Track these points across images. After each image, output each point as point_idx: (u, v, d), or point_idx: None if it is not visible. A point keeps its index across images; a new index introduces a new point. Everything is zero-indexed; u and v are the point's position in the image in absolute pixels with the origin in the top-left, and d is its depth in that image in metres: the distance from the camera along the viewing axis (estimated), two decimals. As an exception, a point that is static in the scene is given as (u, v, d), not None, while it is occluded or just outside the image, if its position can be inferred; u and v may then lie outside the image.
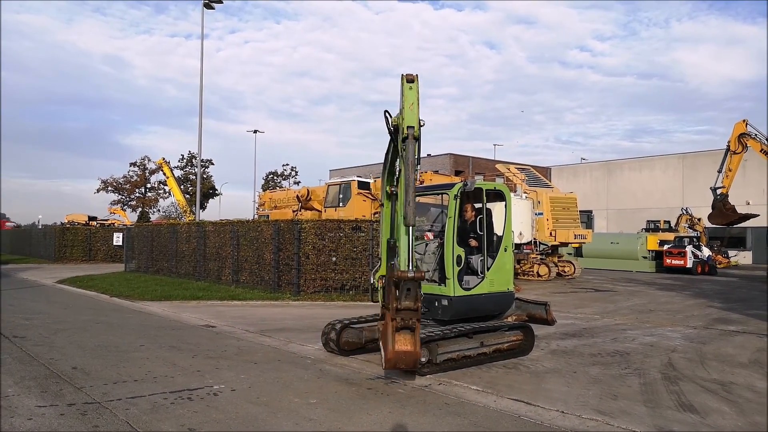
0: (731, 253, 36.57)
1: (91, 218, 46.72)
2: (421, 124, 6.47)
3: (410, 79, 6.32)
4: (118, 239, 32.48)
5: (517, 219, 19.88)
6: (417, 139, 6.23)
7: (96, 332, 10.15)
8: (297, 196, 25.69)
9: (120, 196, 64.42)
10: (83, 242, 33.55)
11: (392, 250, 7.80)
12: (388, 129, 6.67)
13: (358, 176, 23.39)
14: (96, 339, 9.42)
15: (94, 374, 6.96)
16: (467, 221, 8.08)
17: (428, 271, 8.01)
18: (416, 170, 6.22)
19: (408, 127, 6.19)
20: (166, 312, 13.11)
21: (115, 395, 6.03)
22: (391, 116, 6.65)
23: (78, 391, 6.20)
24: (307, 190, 25.43)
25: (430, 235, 8.48)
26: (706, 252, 28.69)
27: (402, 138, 6.26)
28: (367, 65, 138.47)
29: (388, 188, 8.04)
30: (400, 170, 6.49)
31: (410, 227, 6.11)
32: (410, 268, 5.98)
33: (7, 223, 58.47)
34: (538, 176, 26.92)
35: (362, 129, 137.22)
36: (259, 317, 12.17)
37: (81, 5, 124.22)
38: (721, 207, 25.11)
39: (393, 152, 7.16)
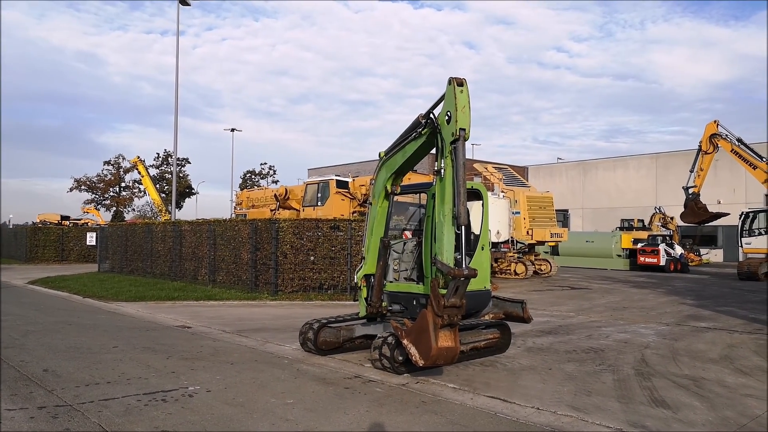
0: (703, 251, 37.35)
1: (64, 218, 45.91)
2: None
3: (460, 83, 6.59)
4: (91, 239, 31.95)
5: (494, 218, 20.06)
6: (466, 140, 6.46)
7: (68, 334, 9.96)
8: (275, 195, 25.52)
9: (94, 195, 63.42)
10: (55, 242, 32.92)
11: (386, 248, 7.85)
12: (432, 129, 6.82)
13: (336, 175, 23.29)
14: (68, 341, 9.24)
15: (65, 376, 6.82)
16: (445, 220, 8.09)
17: (406, 270, 8.03)
18: (466, 171, 6.45)
19: (461, 129, 6.41)
20: (141, 313, 12.92)
21: (87, 398, 5.92)
22: (435, 118, 6.80)
23: (49, 393, 6.07)
24: (285, 189, 25.27)
25: (408, 233, 8.49)
26: (678, 250, 29.28)
27: (452, 140, 6.43)
28: (346, 64, 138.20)
29: (388, 186, 8.06)
30: (443, 170, 6.63)
31: (462, 226, 6.42)
32: (464, 265, 6.27)
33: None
34: (516, 176, 27.17)
35: (341, 128, 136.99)
36: (236, 317, 12.07)
37: (53, 1, 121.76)
38: (693, 206, 25.59)
39: (417, 152, 7.34)
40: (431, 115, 6.88)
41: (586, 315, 12.78)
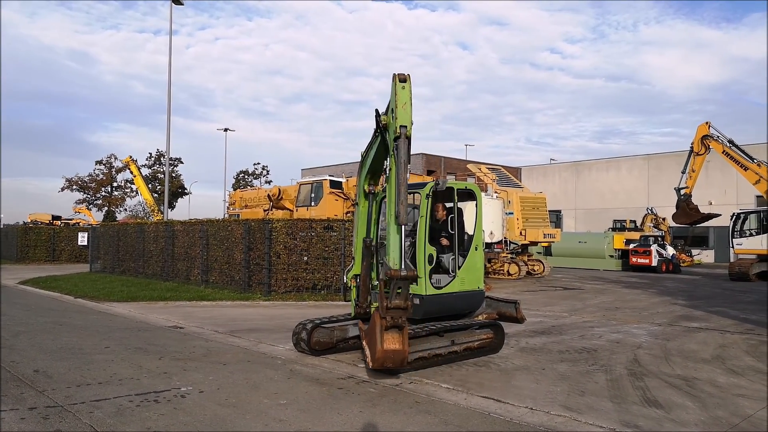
0: (694, 251, 37.58)
1: (55, 217, 45.64)
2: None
3: (402, 79, 6.37)
4: (83, 239, 31.76)
5: (487, 218, 20.07)
6: (409, 138, 6.23)
7: (59, 334, 9.89)
8: (268, 195, 25.47)
9: (85, 195, 62.94)
10: (47, 242, 32.68)
11: (368, 249, 7.81)
12: (378, 127, 6.65)
13: (330, 175, 23.28)
14: (59, 341, 9.17)
15: (57, 377, 6.77)
16: (439, 220, 8.11)
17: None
18: (407, 169, 6.24)
19: (401, 126, 6.23)
20: (133, 313, 12.85)
21: (78, 398, 5.88)
22: (381, 115, 6.64)
23: (40, 394, 6.02)
24: (279, 189, 25.22)
25: (401, 234, 8.47)
26: (670, 251, 29.43)
27: (394, 137, 6.25)
28: (340, 64, 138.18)
29: (365, 187, 8.03)
30: (390, 169, 6.47)
31: (402, 226, 6.15)
32: (402, 266, 6.01)
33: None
34: (509, 176, 27.22)
35: (335, 128, 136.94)
36: (229, 318, 12.02)
37: (45, 0, 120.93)
38: (685, 207, 25.74)
39: (379, 151, 7.16)
40: (377, 113, 6.67)
41: (578, 315, 12.81)
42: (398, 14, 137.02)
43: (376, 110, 6.63)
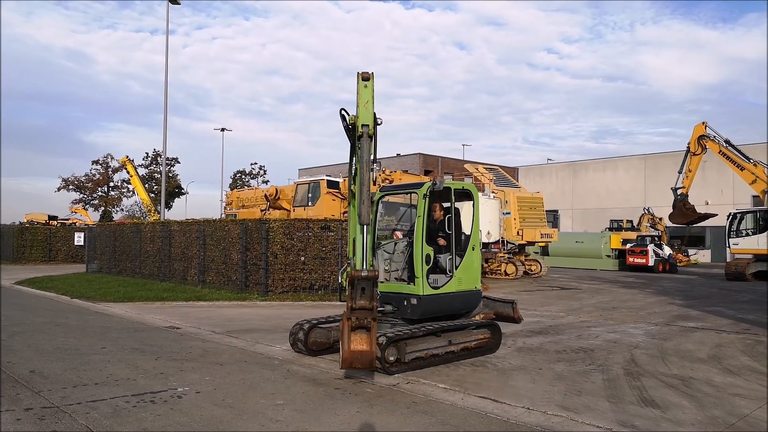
0: (691, 251, 37.68)
1: (52, 217, 45.45)
2: (378, 122, 6.43)
3: (365, 77, 6.29)
4: (79, 239, 31.67)
5: (485, 218, 20.09)
6: (372, 137, 6.15)
7: (55, 334, 9.86)
8: (265, 195, 25.41)
9: (82, 195, 62.75)
10: (43, 242, 32.59)
11: None
12: (345, 128, 6.59)
13: (327, 175, 23.24)
14: (55, 341, 9.14)
15: (52, 378, 6.74)
16: (436, 220, 8.11)
17: (397, 270, 8.02)
18: (372, 169, 6.16)
19: (363, 125, 6.14)
20: (129, 313, 12.82)
21: (74, 399, 5.86)
22: (348, 115, 6.60)
23: (36, 395, 6.00)
24: (276, 189, 25.17)
25: (399, 233, 8.49)
26: (667, 250, 29.51)
27: (357, 136, 6.19)
28: (337, 64, 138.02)
29: (353, 187, 8.03)
30: (356, 169, 6.42)
31: (365, 226, 6.10)
32: (364, 267, 5.97)
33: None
34: (506, 176, 27.25)
35: (332, 128, 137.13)
36: (226, 318, 12.00)
37: (42, 0, 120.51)
38: (682, 207, 25.81)
39: (351, 151, 7.13)
40: (341, 113, 6.58)
41: (575, 315, 12.83)
42: (395, 14, 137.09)
43: (342, 110, 6.54)
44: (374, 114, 6.37)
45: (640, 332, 10.48)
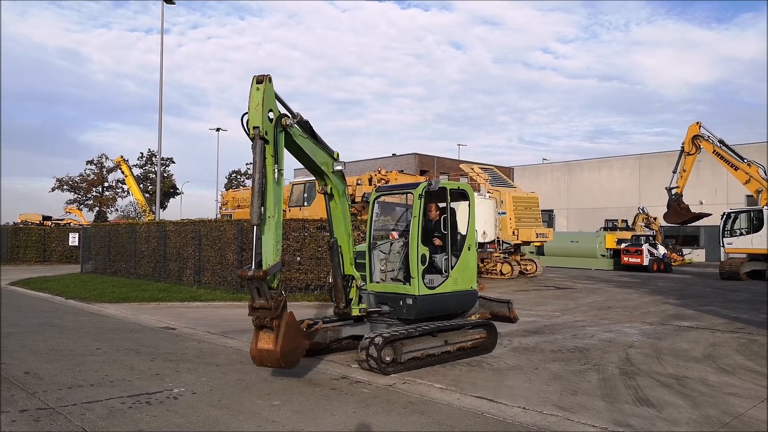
0: (685, 251, 37.84)
1: (46, 218, 45.31)
2: (287, 123, 6.41)
3: (259, 80, 6.23)
4: (74, 240, 31.54)
5: (480, 218, 20.09)
6: (264, 139, 6.10)
7: (50, 335, 9.82)
8: (260, 196, 25.33)
9: (76, 195, 62.59)
10: (37, 243, 32.44)
11: (332, 249, 7.81)
12: (246, 134, 6.39)
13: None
14: (50, 342, 9.11)
15: (48, 379, 6.72)
16: (431, 220, 8.11)
17: (393, 271, 8.02)
18: (260, 171, 6.05)
19: (254, 127, 6.09)
20: (124, 314, 12.78)
21: (70, 400, 5.84)
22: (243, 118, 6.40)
23: (31, 396, 5.98)
24: (271, 190, 25.10)
25: (395, 234, 8.49)
26: (661, 250, 29.61)
27: (251, 138, 6.15)
28: (333, 63, 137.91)
29: (317, 188, 8.07)
30: (281, 171, 6.35)
31: (255, 226, 6.18)
32: (252, 266, 6.03)
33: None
34: (502, 176, 27.29)
35: (327, 127, 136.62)
36: (222, 318, 11.98)
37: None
38: (676, 206, 25.90)
39: (297, 153, 7.13)
40: (242, 120, 6.39)
41: (571, 315, 12.87)
42: (391, 14, 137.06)
43: (242, 116, 6.37)
44: (274, 118, 6.27)
45: (635, 331, 10.52)
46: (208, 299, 14.84)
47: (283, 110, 6.59)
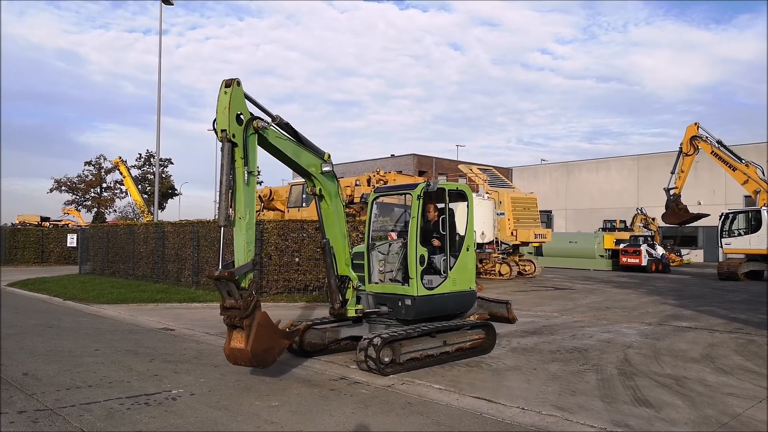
0: (684, 251, 37.85)
1: (44, 219, 45.21)
2: (259, 125, 6.43)
3: (227, 84, 6.32)
4: (72, 241, 31.49)
5: (479, 219, 20.05)
6: (232, 142, 6.14)
7: (48, 337, 9.80)
8: (259, 196, 25.35)
9: (74, 196, 62.35)
10: (35, 244, 32.39)
11: (325, 250, 7.82)
12: (216, 135, 6.41)
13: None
14: (48, 344, 9.10)
15: (46, 380, 6.71)
16: (430, 221, 8.12)
17: (391, 271, 8.02)
18: (227, 173, 6.08)
19: (221, 130, 6.15)
20: (123, 315, 12.76)
21: (68, 401, 5.84)
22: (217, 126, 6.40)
23: (29, 397, 5.97)
24: (270, 190, 25.12)
25: (393, 234, 8.49)
26: (659, 250, 29.64)
27: (219, 140, 6.20)
28: (331, 64, 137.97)
29: (307, 190, 8.10)
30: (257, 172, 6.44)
31: (222, 228, 6.21)
32: (219, 266, 6.09)
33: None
34: (500, 177, 27.31)
35: (326, 128, 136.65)
36: (220, 319, 11.90)
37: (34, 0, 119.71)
38: (674, 207, 25.94)
39: (278, 155, 7.11)
40: (213, 125, 6.42)
41: (569, 315, 12.87)
42: (390, 14, 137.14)
43: (213, 122, 6.40)
44: (244, 120, 6.30)
45: (634, 332, 10.53)
46: (207, 300, 14.82)
47: (259, 113, 6.61)
